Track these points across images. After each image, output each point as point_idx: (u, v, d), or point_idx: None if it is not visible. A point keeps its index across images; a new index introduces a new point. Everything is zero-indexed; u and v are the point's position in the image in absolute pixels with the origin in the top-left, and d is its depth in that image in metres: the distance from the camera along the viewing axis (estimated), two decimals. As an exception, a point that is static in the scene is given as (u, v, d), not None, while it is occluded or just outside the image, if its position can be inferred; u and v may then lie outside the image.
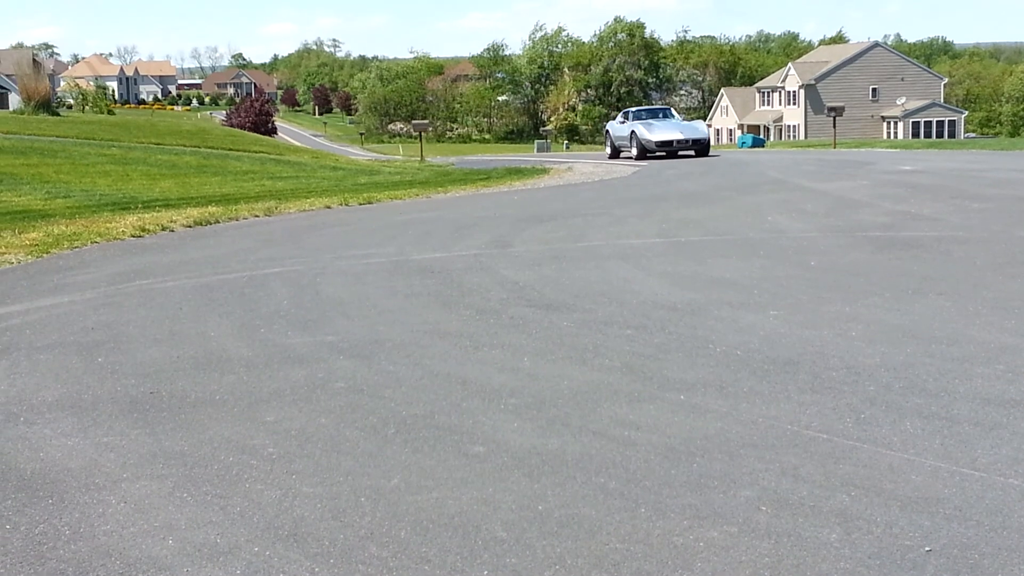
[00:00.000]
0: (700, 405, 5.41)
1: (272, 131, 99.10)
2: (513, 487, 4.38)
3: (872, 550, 3.62)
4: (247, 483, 4.56)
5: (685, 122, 36.21)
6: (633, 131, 34.14)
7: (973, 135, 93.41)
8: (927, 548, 3.61)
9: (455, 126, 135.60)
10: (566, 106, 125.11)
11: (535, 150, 78.33)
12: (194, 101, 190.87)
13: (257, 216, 17.35)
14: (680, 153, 32.89)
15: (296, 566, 3.71)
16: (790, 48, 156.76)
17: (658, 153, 32.92)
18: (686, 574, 3.52)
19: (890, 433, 4.83)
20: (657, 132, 33.11)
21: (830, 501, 4.06)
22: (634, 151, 33.79)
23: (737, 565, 3.57)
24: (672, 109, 38.93)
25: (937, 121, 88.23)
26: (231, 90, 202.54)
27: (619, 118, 37.68)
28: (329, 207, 19.05)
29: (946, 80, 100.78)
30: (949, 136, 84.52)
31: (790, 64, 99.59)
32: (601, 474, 4.48)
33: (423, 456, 4.82)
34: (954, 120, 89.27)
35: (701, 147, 33.18)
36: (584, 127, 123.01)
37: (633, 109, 38.69)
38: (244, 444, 5.11)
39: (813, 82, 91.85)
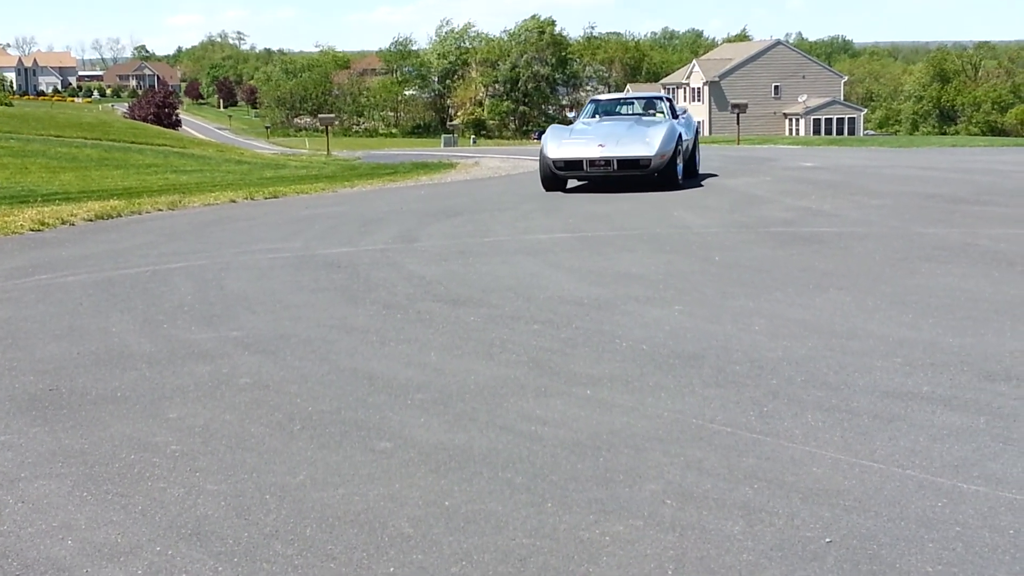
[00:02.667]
0: (606, 399, 5.45)
1: (176, 124, 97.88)
2: (420, 483, 4.36)
3: (774, 542, 3.67)
4: (149, 481, 4.49)
5: (649, 126, 18.55)
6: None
7: (872, 132, 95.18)
8: (827, 539, 3.67)
9: (361, 120, 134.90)
10: (473, 101, 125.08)
11: (442, 145, 78.34)
12: (95, 93, 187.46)
13: (160, 210, 17.12)
14: (623, 180, 18.14)
15: (199, 565, 3.66)
16: (695, 45, 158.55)
17: (571, 177, 18.76)
18: (592, 568, 3.53)
19: (792, 426, 4.90)
20: (570, 144, 18.27)
21: (733, 494, 4.11)
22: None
23: (642, 559, 3.59)
24: (666, 102, 21.08)
25: (837, 118, 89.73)
26: (133, 82, 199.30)
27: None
28: (234, 201, 18.86)
29: (846, 78, 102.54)
30: (849, 133, 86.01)
31: (695, 61, 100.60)
32: (508, 469, 4.48)
33: (329, 452, 4.79)
34: (854, 118, 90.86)
35: (649, 169, 17.78)
36: (492, 122, 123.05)
37: (604, 97, 23.09)
38: (146, 441, 5.03)
39: (717, 79, 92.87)
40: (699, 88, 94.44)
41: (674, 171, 17.94)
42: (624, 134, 18.32)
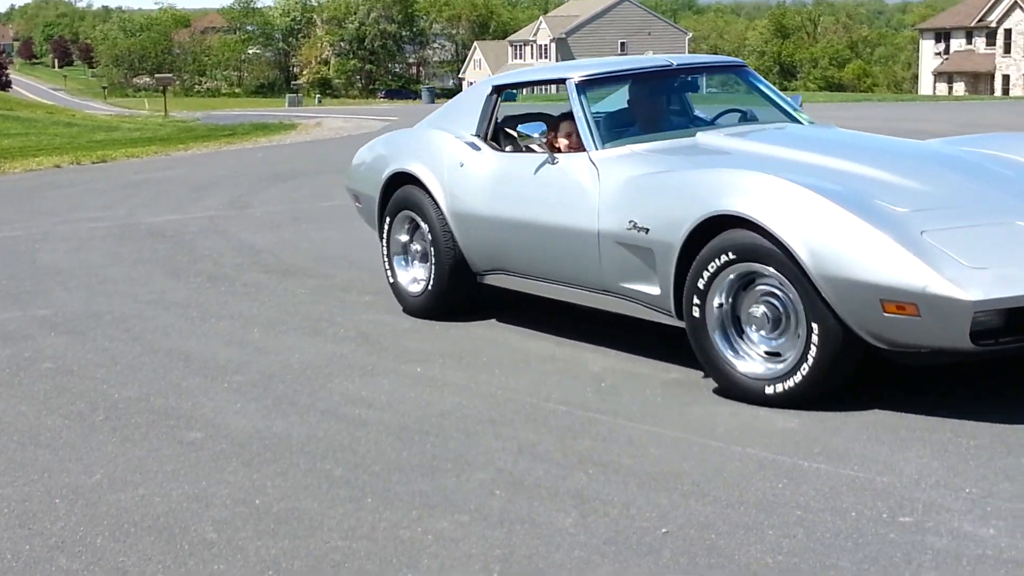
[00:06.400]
0: (437, 378, 5.15)
1: (6, 85, 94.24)
2: (230, 478, 4.00)
3: (608, 535, 3.41)
4: (-75, 486, 4.04)
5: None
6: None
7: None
8: (664, 530, 3.42)
9: (203, 80, 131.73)
10: (319, 60, 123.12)
11: (286, 104, 76.86)
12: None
13: (-23, 177, 16.26)
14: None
15: (-29, 586, 3.26)
16: (543, 2, 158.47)
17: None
18: (411, 573, 3.23)
19: (630, 403, 4.66)
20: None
21: (567, 481, 3.84)
22: None
23: (466, 559, 3.30)
24: (772, 91, 6.51)
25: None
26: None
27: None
28: (59, 166, 18.09)
29: (691, 35, 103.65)
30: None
31: (541, 18, 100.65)
32: (327, 459, 4.15)
33: (133, 446, 4.39)
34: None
35: None
36: (338, 81, 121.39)
37: (615, 66, 6.30)
38: (-72, 439, 4.57)
39: (564, 36, 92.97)
40: (546, 45, 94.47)
41: None
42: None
